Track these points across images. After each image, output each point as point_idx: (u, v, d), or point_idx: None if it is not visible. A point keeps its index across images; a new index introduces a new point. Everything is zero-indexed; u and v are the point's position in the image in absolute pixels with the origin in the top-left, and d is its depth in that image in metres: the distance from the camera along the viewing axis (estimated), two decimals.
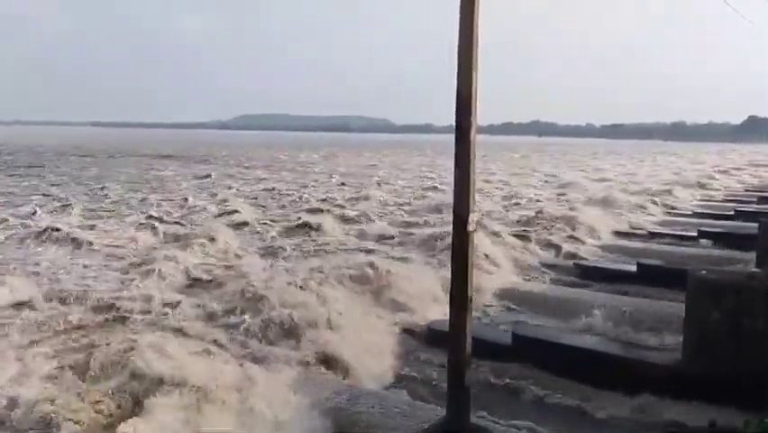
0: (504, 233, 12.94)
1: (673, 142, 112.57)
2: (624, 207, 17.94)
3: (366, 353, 6.67)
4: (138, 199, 20.06)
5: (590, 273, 10.56)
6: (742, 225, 14.00)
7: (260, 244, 12.90)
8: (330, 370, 6.26)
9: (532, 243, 12.69)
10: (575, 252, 12.27)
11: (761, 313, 5.29)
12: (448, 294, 4.62)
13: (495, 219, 14.80)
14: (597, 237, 13.55)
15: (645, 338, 6.99)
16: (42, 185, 24.07)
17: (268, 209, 18.16)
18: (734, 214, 16.68)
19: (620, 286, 9.61)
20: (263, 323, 7.12)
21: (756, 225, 9.81)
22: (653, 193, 21.55)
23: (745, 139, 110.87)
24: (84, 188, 23.25)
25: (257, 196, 21.54)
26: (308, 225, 14.48)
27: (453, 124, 4.42)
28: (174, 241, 12.56)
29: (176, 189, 23.48)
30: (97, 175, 29.33)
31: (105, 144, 62.35)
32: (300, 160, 45.37)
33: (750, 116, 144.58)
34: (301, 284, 8.13)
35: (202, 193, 22.11)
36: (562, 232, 13.52)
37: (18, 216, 15.41)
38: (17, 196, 20.35)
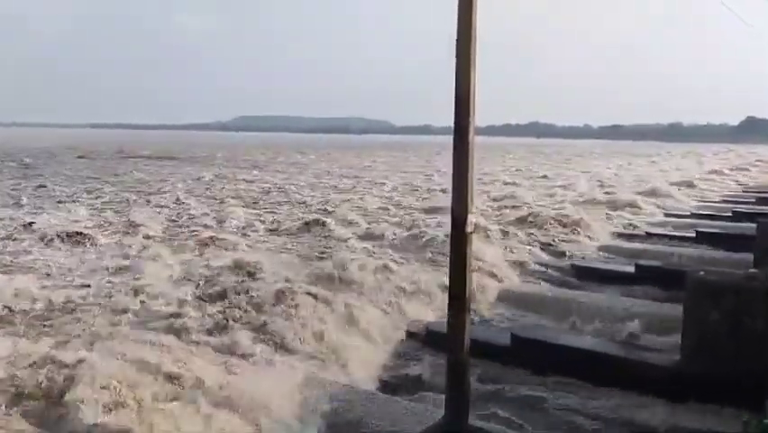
0: (500, 233, 12.93)
1: (671, 143, 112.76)
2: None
3: (363, 353, 6.65)
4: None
5: (588, 274, 10.55)
6: (740, 225, 14.00)
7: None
8: (325, 370, 6.22)
9: (529, 244, 12.67)
10: (572, 252, 12.26)
11: (760, 314, 5.29)
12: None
13: (491, 220, 14.77)
14: (594, 238, 13.54)
15: (644, 339, 7.00)
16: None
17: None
18: (732, 215, 16.70)
19: (618, 287, 9.60)
20: (255, 323, 7.06)
21: (754, 225, 9.82)
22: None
23: (743, 140, 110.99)
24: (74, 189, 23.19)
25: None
26: None
27: (452, 125, 4.42)
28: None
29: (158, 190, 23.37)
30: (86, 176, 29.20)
31: (103, 146, 62.23)
32: (294, 160, 45.41)
33: (748, 117, 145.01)
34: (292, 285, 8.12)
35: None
36: (559, 232, 13.51)
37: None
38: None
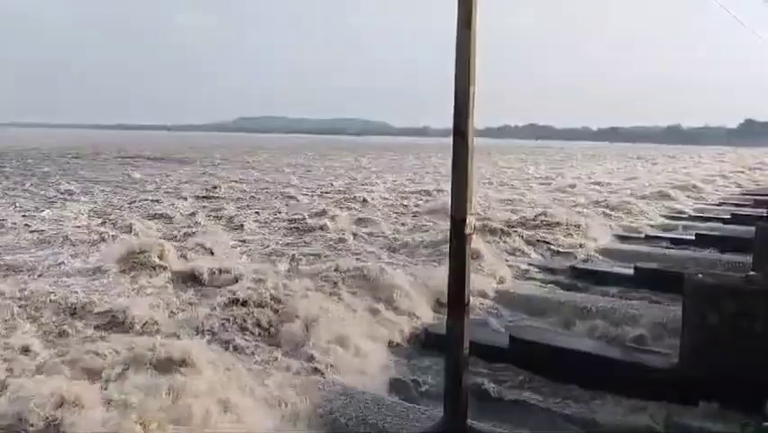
0: (500, 235, 12.92)
1: (669, 145, 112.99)
2: None
3: (362, 355, 6.64)
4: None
5: (587, 276, 10.57)
6: (738, 228, 14.03)
7: None
8: (325, 373, 6.21)
9: (528, 245, 12.67)
10: (572, 254, 12.27)
11: (758, 316, 5.30)
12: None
13: (492, 221, 14.75)
14: (594, 240, 13.54)
15: (643, 342, 7.00)
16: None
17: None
18: (730, 217, 16.73)
19: (617, 289, 9.62)
20: (255, 323, 7.10)
21: (753, 228, 9.84)
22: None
23: (741, 142, 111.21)
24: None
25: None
26: None
27: (450, 126, 4.43)
28: None
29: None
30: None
31: (102, 147, 62.12)
32: (286, 162, 45.54)
33: (747, 120, 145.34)
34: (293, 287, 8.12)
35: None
36: (558, 234, 13.51)
37: None
38: None
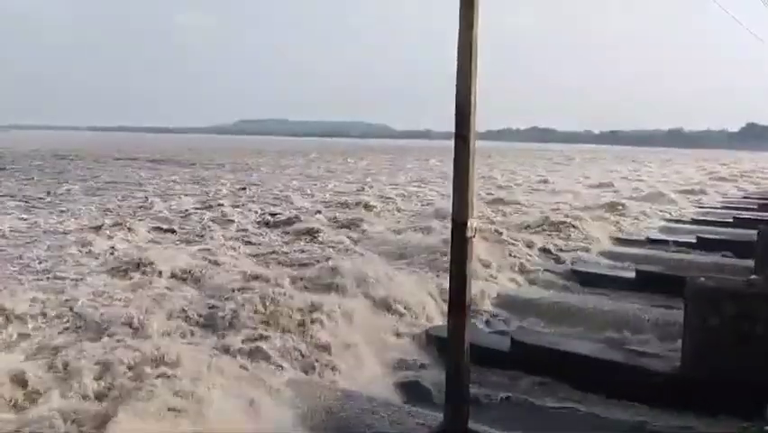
0: (502, 238, 12.90)
1: (671, 148, 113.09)
2: None
3: (363, 357, 6.64)
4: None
5: (589, 279, 10.56)
6: (741, 232, 14.02)
7: None
8: (326, 374, 6.22)
9: (530, 248, 12.64)
10: (573, 258, 12.26)
11: (759, 319, 5.30)
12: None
13: (493, 224, 14.75)
14: (596, 243, 13.52)
15: (644, 345, 6.99)
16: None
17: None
18: (733, 221, 16.71)
19: (619, 292, 9.62)
20: (255, 325, 6.98)
21: (755, 232, 9.84)
22: None
23: (742, 146, 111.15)
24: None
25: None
26: None
27: (452, 129, 4.44)
28: None
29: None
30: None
31: (103, 149, 62.34)
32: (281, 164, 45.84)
33: (749, 123, 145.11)
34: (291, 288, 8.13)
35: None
36: (560, 238, 13.50)
37: None
38: None
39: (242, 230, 14.89)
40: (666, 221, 17.45)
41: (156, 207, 18.70)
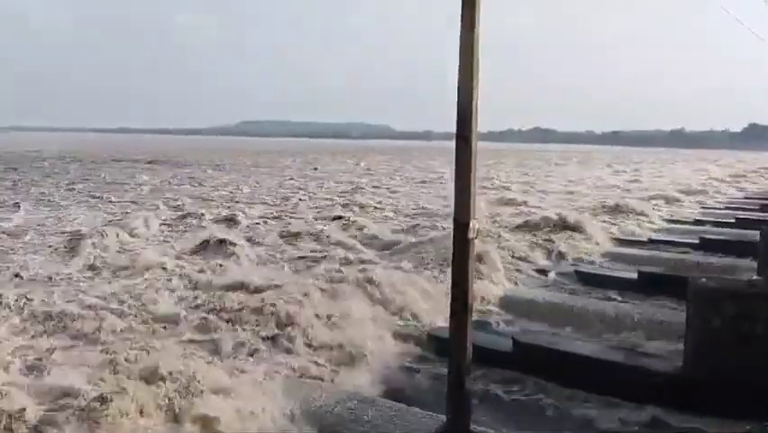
0: (503, 239, 12.90)
1: (673, 148, 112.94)
2: None
3: (364, 358, 6.64)
4: None
5: (591, 280, 10.53)
6: (743, 232, 13.99)
7: None
8: (326, 376, 6.20)
9: (532, 249, 12.63)
10: (575, 258, 12.25)
11: (761, 320, 5.30)
12: None
13: (495, 225, 14.74)
14: (597, 244, 13.50)
15: (647, 346, 6.99)
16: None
17: None
18: (735, 221, 16.67)
19: (621, 293, 9.60)
20: (254, 325, 7.04)
21: (758, 232, 9.83)
22: None
23: (744, 147, 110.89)
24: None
25: None
26: None
27: (452, 130, 4.44)
28: None
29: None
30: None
31: (104, 151, 62.35)
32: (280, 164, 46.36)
33: (751, 124, 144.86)
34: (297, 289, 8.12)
35: None
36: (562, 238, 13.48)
37: None
38: None
39: None
40: (668, 222, 17.42)
41: None
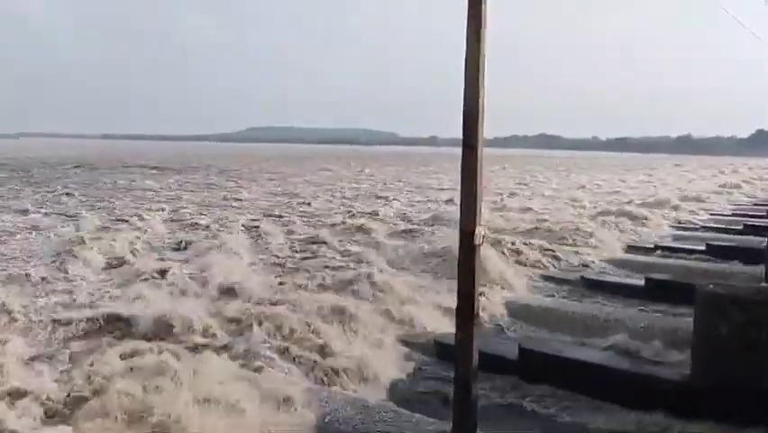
0: (509, 245, 12.87)
1: (681, 155, 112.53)
2: None
3: (370, 365, 6.63)
4: None
5: (598, 287, 10.51)
6: (751, 239, 13.91)
7: None
8: (332, 383, 6.20)
9: (538, 256, 12.60)
10: (582, 265, 12.21)
11: (766, 326, 5.25)
12: None
13: (500, 231, 14.71)
14: (604, 251, 13.46)
15: (654, 353, 6.94)
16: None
17: None
18: (743, 228, 16.58)
19: (628, 300, 9.57)
20: (262, 333, 7.02)
21: (765, 239, 9.78)
22: None
23: (752, 153, 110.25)
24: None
25: None
26: None
27: (457, 136, 4.45)
28: None
29: None
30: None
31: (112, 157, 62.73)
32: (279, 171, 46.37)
33: (758, 130, 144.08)
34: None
35: None
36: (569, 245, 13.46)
37: None
38: None
39: None
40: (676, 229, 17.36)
41: None
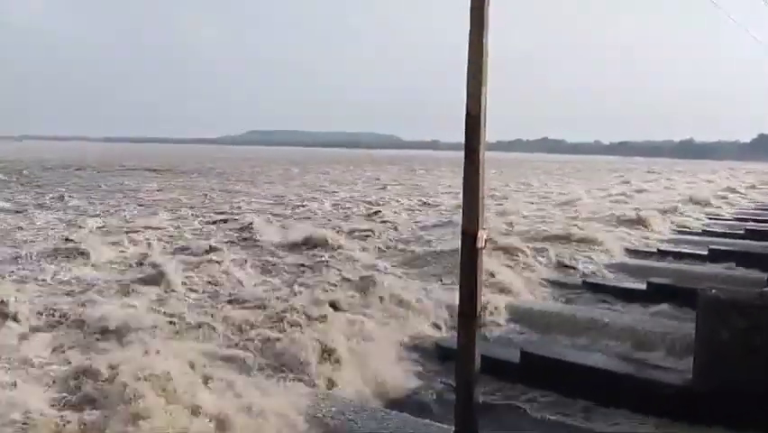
0: (512, 249, 12.86)
1: (682, 159, 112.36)
2: None
3: (372, 369, 6.64)
4: None
5: (599, 291, 10.50)
6: (753, 243, 13.90)
7: None
8: (334, 386, 6.19)
9: (540, 259, 12.59)
10: (584, 269, 12.19)
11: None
12: None
13: (503, 235, 14.69)
14: (607, 255, 13.44)
15: (656, 357, 6.95)
16: None
17: None
18: (744, 233, 16.55)
19: (630, 304, 9.55)
20: (261, 338, 6.98)
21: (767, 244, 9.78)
22: None
23: (754, 157, 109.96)
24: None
25: None
26: None
27: (459, 140, 4.48)
28: None
29: None
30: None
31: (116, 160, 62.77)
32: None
33: (761, 134, 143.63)
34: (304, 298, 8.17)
35: None
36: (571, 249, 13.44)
37: None
38: None
39: None
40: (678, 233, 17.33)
41: None
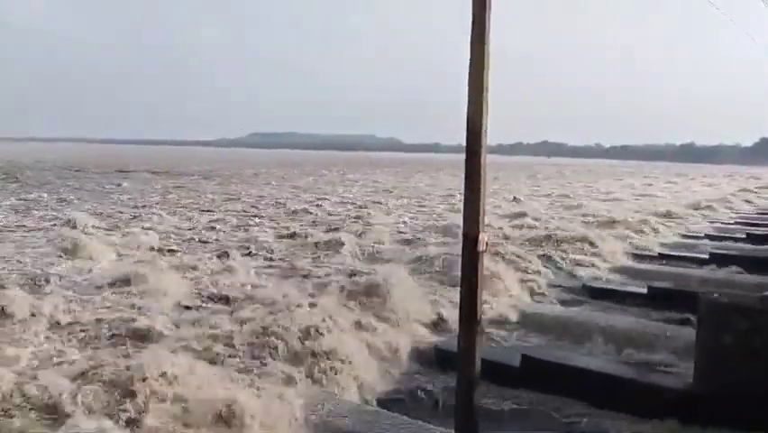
0: (511, 252, 12.86)
1: (683, 163, 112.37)
2: None
3: (371, 372, 6.63)
4: None
5: (600, 295, 10.49)
6: (754, 247, 13.90)
7: None
8: (332, 389, 6.17)
9: (541, 263, 12.58)
10: (585, 273, 12.19)
11: None
12: None
13: (503, 238, 14.71)
14: (607, 259, 13.43)
15: (656, 361, 6.93)
16: None
17: None
18: (746, 237, 16.56)
19: (630, 308, 9.55)
20: (255, 336, 6.88)
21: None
22: None
23: (756, 162, 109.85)
24: None
25: None
26: None
27: (460, 142, 4.49)
28: None
29: None
30: None
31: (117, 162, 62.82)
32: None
33: (762, 138, 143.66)
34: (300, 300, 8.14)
35: None
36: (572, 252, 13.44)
37: None
38: None
39: None
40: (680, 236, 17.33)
41: None
